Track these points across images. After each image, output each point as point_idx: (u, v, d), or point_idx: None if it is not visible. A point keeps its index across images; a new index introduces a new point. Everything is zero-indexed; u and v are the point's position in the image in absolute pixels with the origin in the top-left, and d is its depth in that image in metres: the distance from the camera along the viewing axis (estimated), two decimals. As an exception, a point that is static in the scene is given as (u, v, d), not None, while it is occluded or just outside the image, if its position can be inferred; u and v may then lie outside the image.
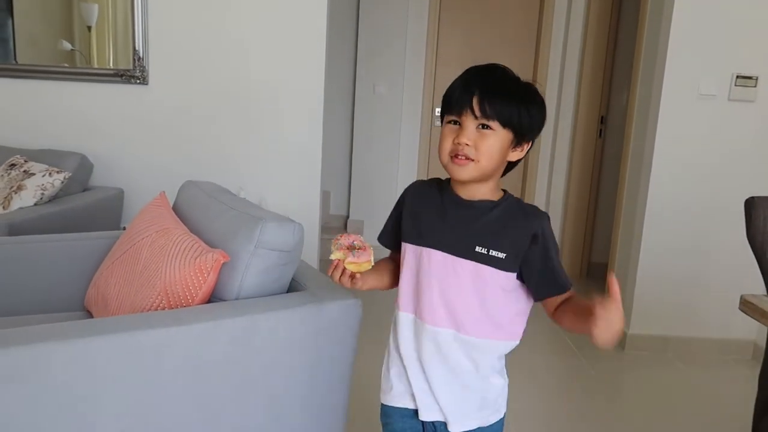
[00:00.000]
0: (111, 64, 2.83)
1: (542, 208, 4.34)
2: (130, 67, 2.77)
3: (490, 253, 1.05)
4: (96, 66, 2.86)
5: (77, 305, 1.77)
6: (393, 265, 1.22)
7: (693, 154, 2.77)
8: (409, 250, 1.12)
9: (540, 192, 4.32)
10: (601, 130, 4.01)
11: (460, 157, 1.02)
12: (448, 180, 1.12)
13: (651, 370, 2.74)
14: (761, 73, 2.68)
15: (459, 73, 1.08)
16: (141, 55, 2.75)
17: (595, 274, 4.08)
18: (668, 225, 2.82)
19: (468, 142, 1.01)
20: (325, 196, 4.60)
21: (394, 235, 1.18)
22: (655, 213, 2.82)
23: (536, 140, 1.14)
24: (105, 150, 2.82)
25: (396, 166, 4.30)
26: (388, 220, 1.21)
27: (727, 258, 2.76)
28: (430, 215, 1.11)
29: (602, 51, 3.91)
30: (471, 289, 1.07)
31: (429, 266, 1.08)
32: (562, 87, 4.12)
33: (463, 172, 1.03)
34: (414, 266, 1.11)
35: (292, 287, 1.46)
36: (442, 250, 1.07)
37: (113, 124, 2.82)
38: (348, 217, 4.40)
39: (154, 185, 2.64)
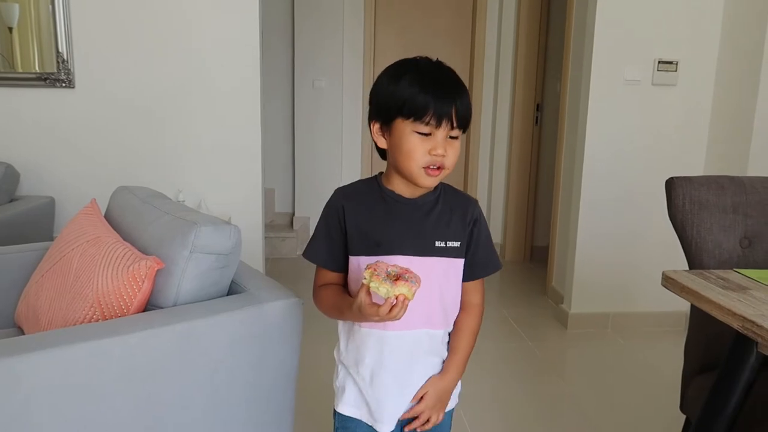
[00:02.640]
0: (37, 68, 2.71)
1: (485, 195, 4.45)
2: (55, 70, 2.66)
3: (448, 245, 1.09)
4: (20, 70, 2.73)
5: (8, 322, 1.70)
6: (345, 290, 1.14)
7: (622, 138, 2.88)
8: (364, 263, 1.05)
9: (482, 180, 4.40)
10: (537, 118, 4.12)
11: (434, 167, 1.03)
12: (375, 180, 1.12)
13: (593, 346, 2.85)
14: (681, 58, 2.82)
15: (391, 62, 1.08)
16: (65, 57, 2.65)
17: (538, 258, 4.20)
18: (602, 208, 2.94)
19: (444, 154, 1.02)
20: (269, 194, 4.56)
21: (335, 254, 1.11)
22: (589, 197, 2.93)
23: (474, 130, 1.23)
24: (32, 158, 2.70)
25: (339, 161, 4.30)
26: (319, 239, 1.13)
27: (657, 236, 2.89)
28: (382, 222, 1.08)
29: (535, 40, 4.01)
30: (437, 284, 1.09)
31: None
32: (498, 77, 4.20)
33: (434, 180, 1.05)
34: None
35: (232, 290, 1.45)
36: (406, 254, 1.06)
37: (40, 131, 2.71)
38: (294, 214, 4.37)
39: (86, 192, 2.56)
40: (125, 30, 2.67)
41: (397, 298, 0.92)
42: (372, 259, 1.04)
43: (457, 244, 1.10)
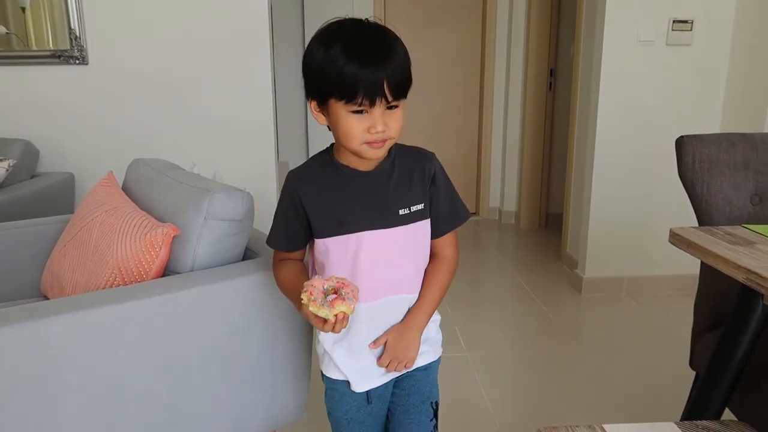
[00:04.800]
0: (51, 46, 2.74)
1: (498, 164, 4.44)
2: (68, 47, 2.69)
3: (412, 210, 1.07)
4: (35, 48, 2.76)
5: (34, 292, 1.77)
6: (303, 268, 1.14)
7: (635, 100, 2.85)
8: (331, 244, 1.05)
9: (496, 148, 4.39)
10: (551, 83, 4.07)
11: (378, 143, 0.99)
12: (327, 155, 1.08)
13: (606, 309, 2.87)
14: (696, 16, 2.76)
15: (409, 36, 1.05)
16: (78, 34, 2.67)
17: (553, 225, 4.20)
18: (615, 171, 2.92)
19: (385, 128, 0.98)
20: (283, 167, 4.59)
21: (295, 238, 1.10)
22: (603, 160, 2.91)
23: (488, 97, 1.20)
24: (51, 134, 2.76)
25: (352, 132, 4.31)
26: (278, 224, 1.10)
27: (672, 198, 2.87)
28: (340, 200, 1.05)
29: (548, 3, 3.94)
30: (410, 251, 1.09)
31: (364, 249, 1.05)
32: (510, 42, 4.15)
33: (380, 152, 1.01)
34: (344, 256, 1.05)
35: (247, 255, 1.49)
36: (372, 229, 1.04)
37: (56, 108, 2.75)
38: (308, 186, 4.41)
39: (105, 167, 2.60)
40: (136, 5, 2.68)
41: (336, 317, 0.94)
42: (341, 238, 1.04)
43: (420, 206, 1.08)
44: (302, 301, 0.95)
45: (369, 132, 0.97)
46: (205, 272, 1.34)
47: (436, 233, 1.12)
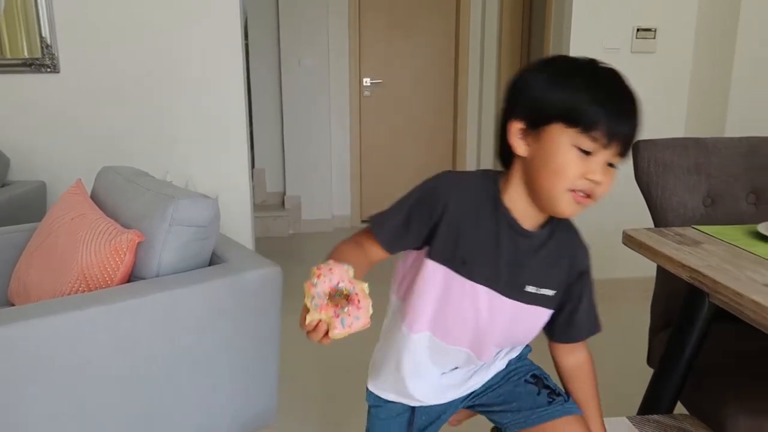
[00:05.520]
0: (26, 54, 2.73)
1: (474, 167, 4.48)
2: (39, 55, 2.69)
3: (539, 292, 0.94)
4: (9, 57, 2.75)
5: (1, 300, 1.76)
6: (367, 265, 0.95)
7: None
8: (439, 273, 0.92)
9: (471, 152, 4.44)
10: (523, 90, 4.14)
11: (583, 194, 0.84)
12: (494, 188, 0.91)
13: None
14: (659, 25, 2.84)
15: (384, 40, 0.99)
16: (49, 42, 2.67)
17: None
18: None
19: (601, 181, 0.83)
20: (260, 174, 4.60)
21: (401, 237, 0.92)
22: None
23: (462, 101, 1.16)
24: (22, 143, 2.74)
25: (328, 139, 4.33)
26: (395, 214, 0.91)
27: (634, 203, 2.94)
28: (483, 242, 0.90)
29: (519, 12, 4.01)
30: (509, 328, 0.97)
31: (468, 301, 0.93)
32: (483, 49, 4.21)
33: (578, 211, 0.86)
34: (442, 292, 0.93)
35: (213, 261, 1.51)
36: (489, 287, 0.91)
37: (28, 116, 2.74)
38: (285, 193, 4.42)
39: (77, 175, 2.60)
40: (108, 12, 2.69)
41: (317, 325, 0.74)
42: (455, 276, 0.90)
43: (551, 293, 0.94)
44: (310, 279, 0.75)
45: (585, 177, 0.82)
46: (171, 278, 1.36)
47: (563, 336, 1.01)
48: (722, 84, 2.70)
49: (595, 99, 0.81)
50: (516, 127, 0.86)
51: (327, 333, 0.76)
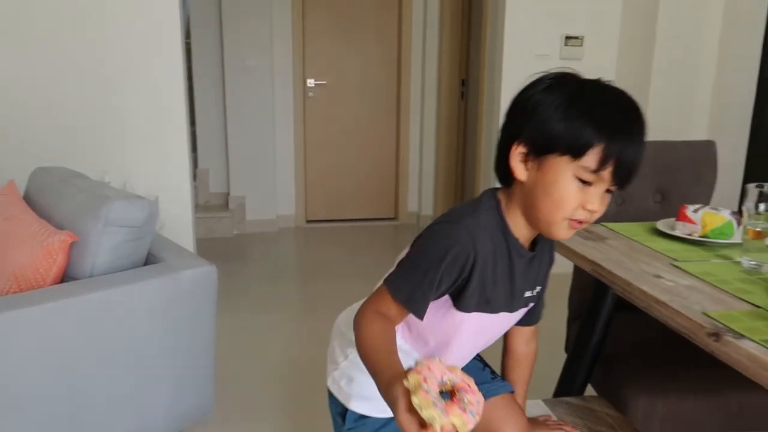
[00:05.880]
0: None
1: (416, 169, 4.57)
2: (-32, 52, 2.61)
3: (534, 293, 0.99)
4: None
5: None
6: (395, 335, 0.88)
7: (535, 110, 3.06)
8: (467, 319, 0.92)
9: (413, 154, 4.54)
10: (463, 92, 4.27)
11: (579, 224, 0.85)
12: (501, 219, 0.90)
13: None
14: (585, 34, 3.01)
15: (328, 42, 0.91)
16: (-22, 39, 2.59)
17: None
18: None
19: (598, 209, 0.84)
20: (204, 175, 4.56)
21: (429, 299, 0.87)
22: (507, 165, 3.11)
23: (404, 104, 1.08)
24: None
25: (273, 139, 4.34)
26: (428, 282, 0.85)
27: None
28: (501, 278, 0.91)
29: (458, 16, 4.14)
30: (502, 332, 1.04)
31: (482, 329, 0.96)
32: (425, 54, 4.32)
33: (570, 234, 0.87)
34: (471, 333, 0.95)
35: (149, 261, 1.53)
36: (506, 311, 0.95)
37: (-45, 115, 2.66)
38: (229, 193, 4.40)
39: (11, 177, 2.54)
40: (41, 11, 2.63)
41: (442, 429, 0.65)
42: (481, 315, 0.91)
43: (539, 289, 0.99)
44: (406, 384, 0.67)
45: (583, 208, 0.83)
46: (105, 278, 1.38)
47: (530, 321, 1.04)
48: (642, 89, 2.88)
49: (607, 135, 0.79)
50: (518, 151, 0.85)
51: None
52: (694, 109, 2.92)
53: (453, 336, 0.94)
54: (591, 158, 0.79)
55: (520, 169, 0.85)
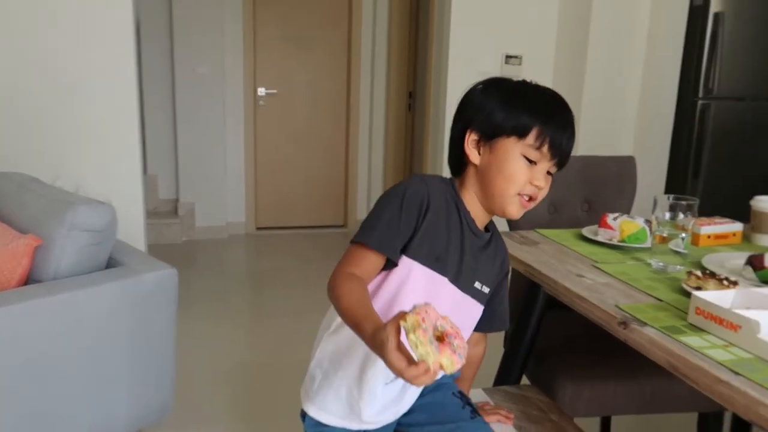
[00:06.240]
0: None
1: (365, 178, 4.70)
2: None
3: (482, 289, 1.03)
4: None
5: None
6: (369, 292, 0.93)
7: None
8: (416, 270, 0.96)
9: (362, 163, 4.66)
10: (410, 104, 4.43)
11: (528, 198, 0.97)
12: (454, 191, 1.01)
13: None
14: (524, 53, 3.21)
15: (278, 51, 0.99)
16: None
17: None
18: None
19: (543, 185, 0.97)
20: (152, 181, 4.54)
21: (394, 239, 0.94)
22: (452, 175, 3.27)
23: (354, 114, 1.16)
24: None
25: (223, 146, 4.37)
26: (384, 220, 0.94)
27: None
28: (453, 240, 0.99)
29: (406, 31, 4.30)
30: (458, 320, 1.03)
31: (432, 293, 0.97)
32: (374, 65, 4.46)
33: (521, 212, 0.98)
34: (409, 288, 0.97)
35: (110, 264, 1.58)
36: (452, 282, 0.99)
37: None
38: (178, 200, 4.40)
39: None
40: (-11, 14, 2.61)
41: (432, 366, 0.70)
42: (427, 271, 0.96)
43: (488, 290, 1.05)
44: (403, 323, 0.71)
45: (530, 183, 0.95)
46: (69, 280, 1.43)
47: (482, 327, 1.09)
48: (575, 105, 3.09)
49: (542, 119, 0.94)
50: (471, 138, 0.98)
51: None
52: (621, 125, 3.18)
53: (401, 291, 0.96)
54: (532, 137, 0.94)
55: (474, 154, 0.98)
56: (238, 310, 3.13)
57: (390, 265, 0.96)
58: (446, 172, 3.34)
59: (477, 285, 1.02)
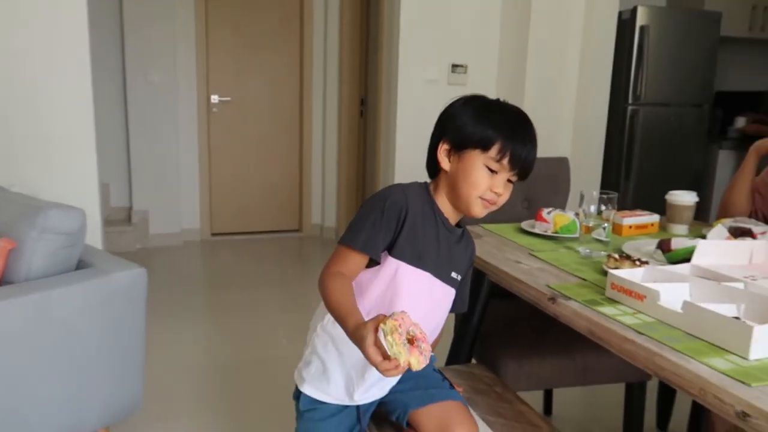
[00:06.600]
0: None
1: (319, 182, 4.80)
2: None
3: (457, 277, 1.18)
4: None
5: None
6: (353, 289, 1.08)
7: (426, 129, 3.40)
8: (402, 269, 1.10)
9: (316, 168, 4.77)
10: (362, 110, 4.57)
11: (490, 203, 1.11)
12: (428, 195, 1.16)
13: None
14: (469, 62, 3.41)
15: (231, 59, 1.13)
16: None
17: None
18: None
19: (501, 193, 1.11)
20: (104, 189, 4.52)
21: (377, 244, 1.09)
22: (404, 180, 3.42)
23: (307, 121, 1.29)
24: None
25: (177, 153, 4.40)
26: (377, 227, 1.09)
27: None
28: (431, 239, 1.13)
29: (357, 39, 4.44)
30: (440, 311, 1.20)
31: (420, 290, 1.12)
32: (326, 72, 4.58)
33: (484, 212, 1.13)
34: (397, 285, 1.10)
35: (80, 267, 1.65)
36: (434, 275, 1.14)
37: None
38: (131, 207, 4.40)
39: None
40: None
41: (402, 365, 0.87)
42: (411, 269, 1.10)
43: (460, 277, 1.20)
44: (382, 327, 0.88)
45: (491, 189, 1.10)
46: (41, 281, 1.49)
47: (453, 309, 1.24)
48: (517, 113, 3.32)
49: (505, 135, 1.08)
50: (443, 148, 1.13)
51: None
52: (560, 129, 3.41)
53: (390, 287, 1.10)
54: (494, 151, 1.08)
55: (445, 162, 1.13)
56: (198, 313, 3.19)
57: (373, 263, 1.11)
58: (398, 176, 3.49)
59: (453, 275, 1.18)
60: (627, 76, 3.55)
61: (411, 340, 0.88)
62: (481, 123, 1.09)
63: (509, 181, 1.12)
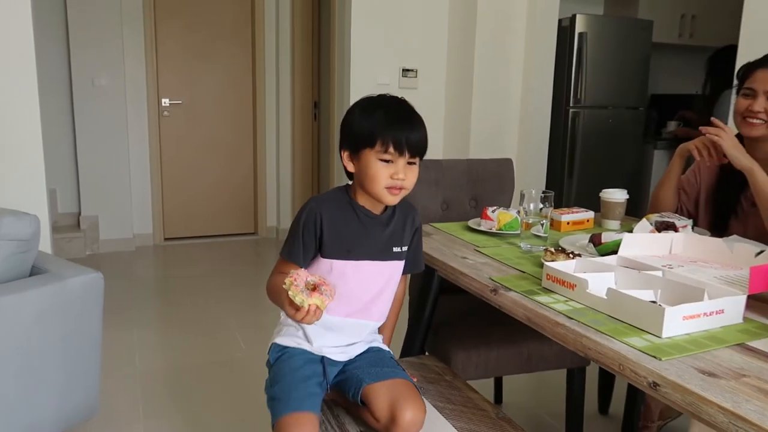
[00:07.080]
0: None
1: (274, 186, 4.82)
2: None
3: (402, 249, 1.33)
4: None
5: None
6: None
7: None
8: (335, 266, 1.26)
9: (270, 171, 4.79)
10: (315, 114, 4.63)
11: (396, 189, 1.22)
12: (346, 194, 1.29)
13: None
14: (419, 67, 3.51)
15: (182, 62, 1.27)
16: None
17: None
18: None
19: (404, 177, 1.21)
20: (51, 195, 4.42)
21: (308, 253, 1.26)
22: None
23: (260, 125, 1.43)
24: None
25: (127, 158, 4.34)
26: (297, 241, 1.25)
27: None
28: (356, 232, 1.26)
29: (309, 44, 4.49)
30: (390, 283, 1.34)
31: (363, 276, 1.28)
32: (278, 77, 4.61)
33: (396, 199, 1.24)
34: (338, 278, 1.25)
35: (34, 273, 1.66)
36: (372, 259, 1.27)
37: None
38: (80, 213, 4.32)
39: None
40: None
41: (309, 308, 1.07)
42: (345, 263, 1.25)
43: (405, 248, 1.34)
44: (284, 286, 1.07)
45: (392, 178, 1.20)
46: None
47: (408, 270, 1.39)
48: (465, 115, 3.44)
49: (385, 126, 1.19)
50: (345, 154, 1.26)
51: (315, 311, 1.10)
52: (506, 131, 3.55)
53: (333, 279, 1.23)
54: (378, 144, 1.19)
55: (350, 165, 1.27)
56: (152, 317, 3.18)
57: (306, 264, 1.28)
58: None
59: (396, 249, 1.31)
60: (568, 80, 3.72)
61: (314, 287, 1.09)
62: (363, 123, 1.22)
63: (410, 163, 1.23)
